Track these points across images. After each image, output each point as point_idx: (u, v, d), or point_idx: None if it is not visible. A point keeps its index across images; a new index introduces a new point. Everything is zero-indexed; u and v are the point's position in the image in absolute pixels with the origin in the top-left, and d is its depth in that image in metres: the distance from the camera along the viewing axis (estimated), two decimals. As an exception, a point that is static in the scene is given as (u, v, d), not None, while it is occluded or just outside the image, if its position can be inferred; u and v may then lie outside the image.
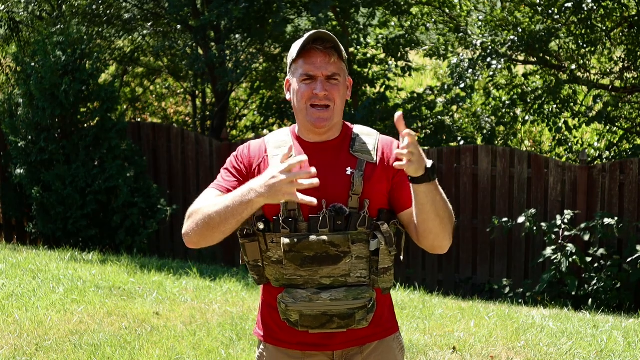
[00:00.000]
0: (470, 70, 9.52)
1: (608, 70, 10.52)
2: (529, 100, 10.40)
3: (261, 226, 2.53)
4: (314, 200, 2.31)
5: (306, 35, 2.51)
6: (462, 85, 9.84)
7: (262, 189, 2.35)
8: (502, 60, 9.36)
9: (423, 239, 2.51)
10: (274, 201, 2.34)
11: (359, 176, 2.51)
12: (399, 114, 2.35)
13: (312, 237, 2.47)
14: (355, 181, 2.51)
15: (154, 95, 13.90)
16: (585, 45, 9.63)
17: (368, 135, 2.62)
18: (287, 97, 2.63)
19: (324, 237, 2.47)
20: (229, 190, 2.53)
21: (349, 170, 2.53)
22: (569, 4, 9.06)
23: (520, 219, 8.20)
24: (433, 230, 2.46)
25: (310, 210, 2.50)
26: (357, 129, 2.65)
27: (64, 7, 10.94)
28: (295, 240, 2.47)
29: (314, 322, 2.50)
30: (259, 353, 2.68)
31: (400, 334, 2.70)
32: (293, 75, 2.56)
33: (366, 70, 11.62)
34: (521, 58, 10.48)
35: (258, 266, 2.58)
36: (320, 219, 2.48)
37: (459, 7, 11.30)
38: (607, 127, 10.75)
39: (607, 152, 10.65)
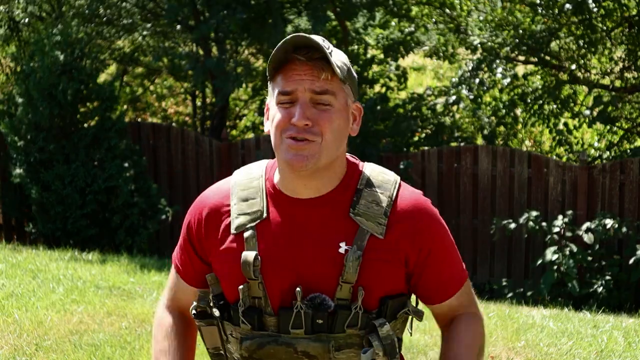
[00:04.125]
0: (477, 80, 9.57)
1: (608, 70, 10.52)
2: (529, 101, 10.41)
3: (216, 313, 1.87)
4: None
5: (282, 41, 1.74)
6: (472, 97, 9.91)
7: None
8: (508, 74, 9.42)
9: None
10: None
11: (354, 258, 1.76)
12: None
13: (280, 343, 1.78)
14: (349, 265, 1.76)
15: (154, 95, 13.90)
16: (585, 46, 9.63)
17: (382, 187, 1.84)
18: (266, 129, 1.85)
19: (296, 345, 1.77)
20: (183, 272, 1.97)
21: (342, 247, 1.78)
22: (569, 5, 9.06)
23: (521, 220, 8.19)
24: None
25: (282, 300, 1.79)
26: (368, 174, 1.86)
27: (63, 7, 10.94)
28: (257, 344, 1.79)
29: None
30: None
31: None
32: (271, 96, 1.82)
33: (367, 71, 11.62)
34: (521, 58, 10.48)
35: (220, 355, 1.93)
36: (294, 315, 1.77)
37: (459, 7, 11.30)
38: (607, 127, 10.75)
39: (608, 152, 10.65)
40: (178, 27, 11.28)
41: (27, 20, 11.06)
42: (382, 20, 11.98)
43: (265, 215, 1.81)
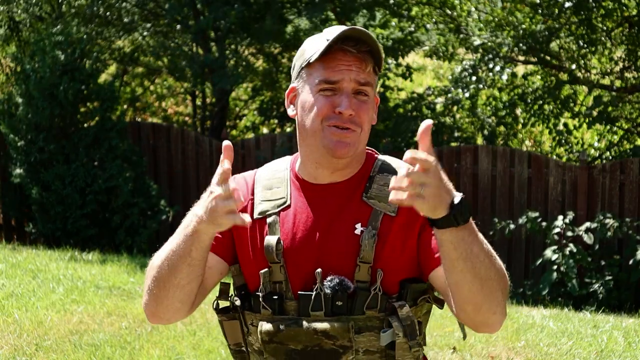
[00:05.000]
0: (474, 78, 9.56)
1: (608, 70, 10.52)
2: (529, 101, 10.41)
3: (237, 302, 1.90)
4: (245, 220, 1.66)
5: (333, 31, 1.80)
6: (467, 94, 9.90)
7: (201, 212, 1.73)
8: (506, 71, 9.41)
9: (460, 310, 1.76)
10: (218, 226, 1.70)
11: (369, 236, 1.80)
12: (426, 124, 1.64)
13: (300, 325, 1.79)
14: (365, 244, 1.80)
15: (154, 95, 13.91)
16: (585, 45, 9.64)
17: (393, 172, 1.87)
18: (290, 112, 1.91)
19: (315, 325, 1.79)
20: None
21: (358, 228, 1.83)
22: (569, 4, 9.07)
23: (521, 220, 8.19)
24: (470, 298, 1.72)
25: (302, 284, 1.83)
26: (381, 162, 1.92)
27: (63, 7, 10.95)
28: (277, 327, 1.81)
29: None
30: None
31: None
32: (305, 82, 1.85)
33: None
34: (521, 58, 10.48)
35: (242, 352, 1.95)
36: (314, 297, 1.80)
37: (459, 7, 11.31)
38: (607, 127, 10.76)
39: (608, 152, 10.66)
40: (178, 27, 11.29)
41: (27, 20, 11.06)
42: (382, 20, 11.98)
43: (288, 202, 1.88)
